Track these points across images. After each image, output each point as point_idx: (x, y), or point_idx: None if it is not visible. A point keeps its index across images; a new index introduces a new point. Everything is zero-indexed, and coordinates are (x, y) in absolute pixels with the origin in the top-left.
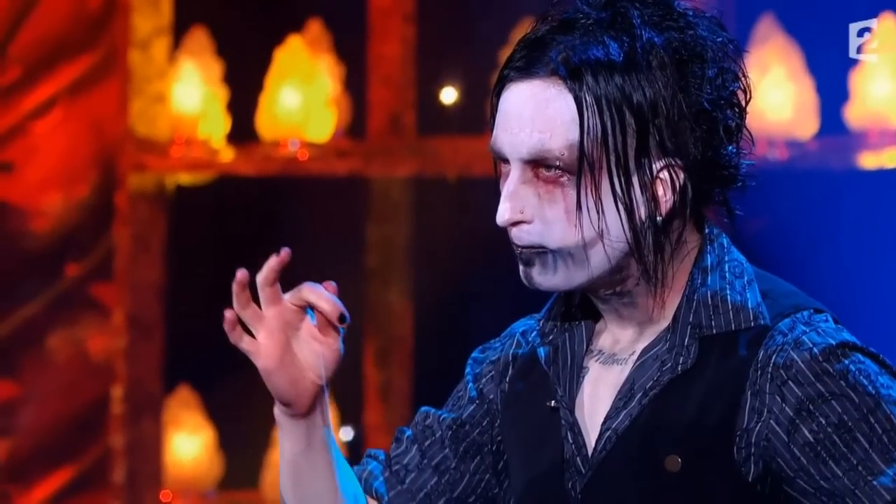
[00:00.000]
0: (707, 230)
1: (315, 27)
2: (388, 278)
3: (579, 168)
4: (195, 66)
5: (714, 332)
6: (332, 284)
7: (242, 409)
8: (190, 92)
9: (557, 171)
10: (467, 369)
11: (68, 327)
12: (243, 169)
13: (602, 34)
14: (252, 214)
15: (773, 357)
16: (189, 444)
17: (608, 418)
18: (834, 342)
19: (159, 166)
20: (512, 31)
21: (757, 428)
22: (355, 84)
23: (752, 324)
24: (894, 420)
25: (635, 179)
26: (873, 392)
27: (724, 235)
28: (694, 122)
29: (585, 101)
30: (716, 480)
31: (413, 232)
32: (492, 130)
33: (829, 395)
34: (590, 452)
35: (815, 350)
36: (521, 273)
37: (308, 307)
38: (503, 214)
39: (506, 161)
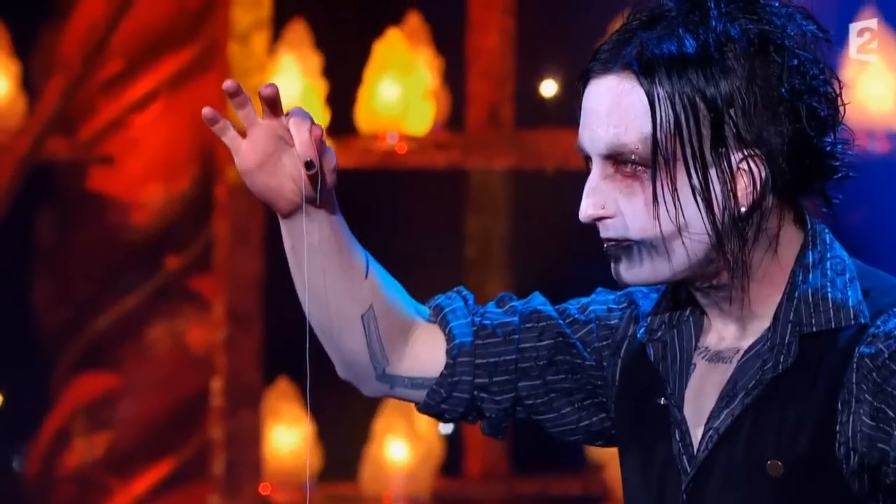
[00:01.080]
0: (809, 226)
1: (414, 20)
2: (486, 270)
3: (654, 161)
4: (294, 58)
5: (814, 329)
6: (318, 128)
7: (341, 402)
8: (289, 85)
9: (635, 165)
10: (590, 305)
11: (168, 319)
12: (342, 162)
13: (678, 27)
14: (351, 207)
15: (863, 348)
16: (288, 436)
17: (711, 417)
18: None
19: None
20: (610, 24)
21: (850, 421)
22: (454, 77)
23: (853, 322)
24: None
25: (713, 172)
26: None
27: (826, 231)
28: (774, 113)
29: (658, 94)
30: (818, 484)
31: (511, 224)
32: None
33: None
34: (695, 451)
35: None
36: (612, 270)
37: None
38: (584, 210)
39: (589, 158)
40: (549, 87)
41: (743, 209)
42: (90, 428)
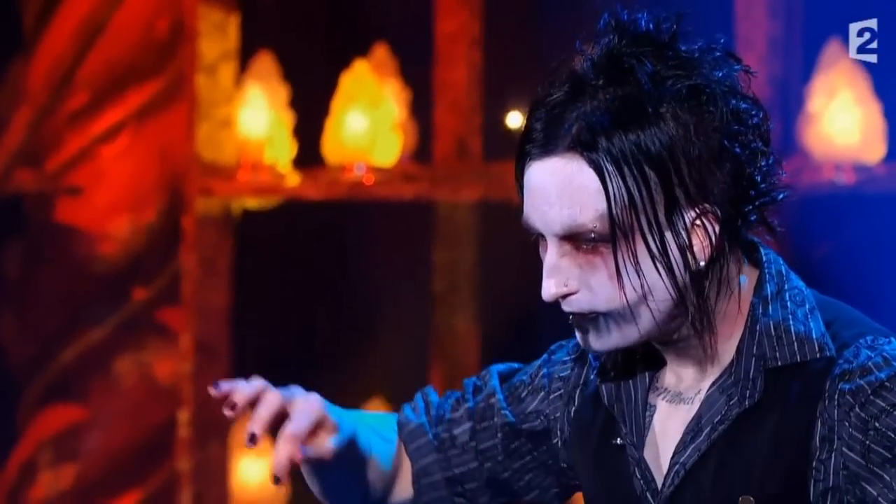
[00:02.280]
0: (764, 258)
1: (381, 52)
2: (454, 303)
3: (613, 236)
4: (261, 90)
5: (779, 363)
6: (299, 425)
7: None
8: (256, 116)
9: (594, 243)
10: (542, 368)
11: (135, 351)
12: (309, 193)
13: (610, 95)
14: (318, 239)
15: (840, 384)
16: (256, 467)
17: (676, 453)
18: None
19: (226, 191)
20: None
21: (832, 458)
22: (421, 108)
23: (819, 355)
24: None
25: (669, 236)
26: None
27: (781, 262)
28: (716, 163)
29: (606, 169)
30: None
31: (479, 257)
32: (521, 205)
33: (892, 407)
34: (659, 486)
35: (882, 375)
36: (580, 340)
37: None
38: (549, 290)
39: (541, 236)
40: (516, 119)
41: (702, 264)
42: (57, 460)
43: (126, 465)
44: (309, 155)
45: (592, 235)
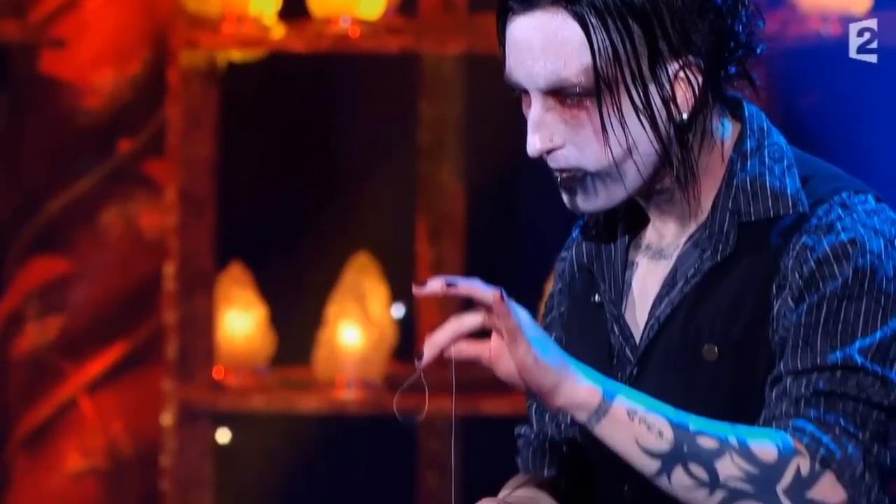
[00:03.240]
0: (746, 113)
1: None
2: (439, 156)
3: (597, 90)
4: None
5: (753, 218)
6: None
7: (294, 286)
8: None
9: (578, 97)
10: (553, 290)
11: (121, 203)
12: (294, 46)
13: None
14: (303, 91)
15: (803, 238)
16: (241, 320)
17: (653, 307)
18: (864, 233)
19: (211, 43)
20: None
21: (777, 304)
22: None
23: (791, 210)
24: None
25: (652, 88)
26: (888, 291)
27: (764, 118)
28: (699, 14)
29: (591, 22)
30: (754, 368)
31: (465, 110)
32: (504, 61)
33: (840, 276)
34: (637, 341)
35: (843, 236)
36: (566, 202)
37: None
38: (534, 145)
39: (525, 92)
40: None
41: (685, 116)
42: (43, 312)
43: (112, 318)
44: (294, 7)
45: (577, 89)
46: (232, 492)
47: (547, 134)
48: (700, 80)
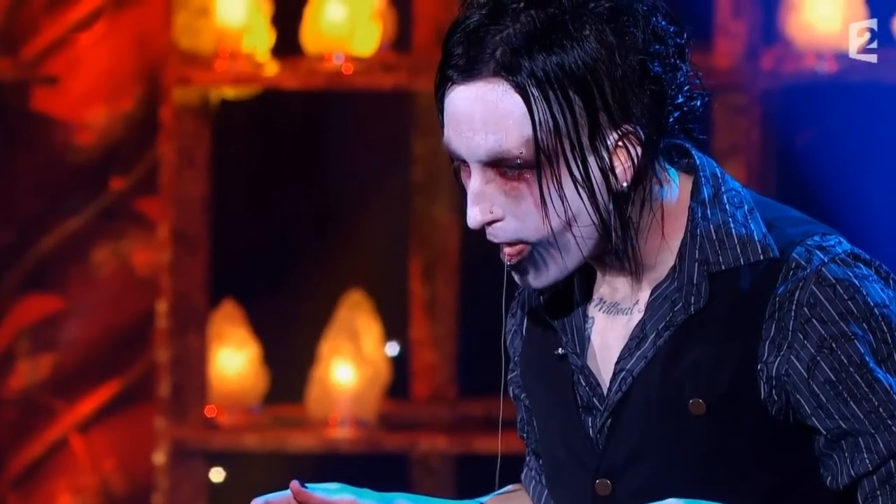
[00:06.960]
0: (697, 162)
1: None
2: (433, 192)
3: (538, 163)
4: None
5: (723, 267)
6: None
7: (288, 324)
8: (234, 5)
9: (519, 169)
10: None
11: (113, 241)
12: (288, 83)
13: (533, 17)
14: (296, 128)
15: (797, 293)
16: (234, 358)
17: (621, 359)
18: (855, 278)
19: (204, 80)
20: None
21: (777, 361)
22: None
23: (762, 257)
24: None
25: (592, 159)
26: None
27: (714, 164)
28: (639, 84)
29: (532, 94)
30: (742, 419)
31: None
32: (442, 129)
33: (853, 336)
34: (605, 392)
35: (839, 288)
36: (520, 283)
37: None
38: (474, 217)
39: (464, 162)
40: None
41: (625, 185)
42: (34, 350)
43: (104, 356)
44: (287, 44)
45: (518, 161)
46: None
47: (487, 206)
48: (639, 150)
